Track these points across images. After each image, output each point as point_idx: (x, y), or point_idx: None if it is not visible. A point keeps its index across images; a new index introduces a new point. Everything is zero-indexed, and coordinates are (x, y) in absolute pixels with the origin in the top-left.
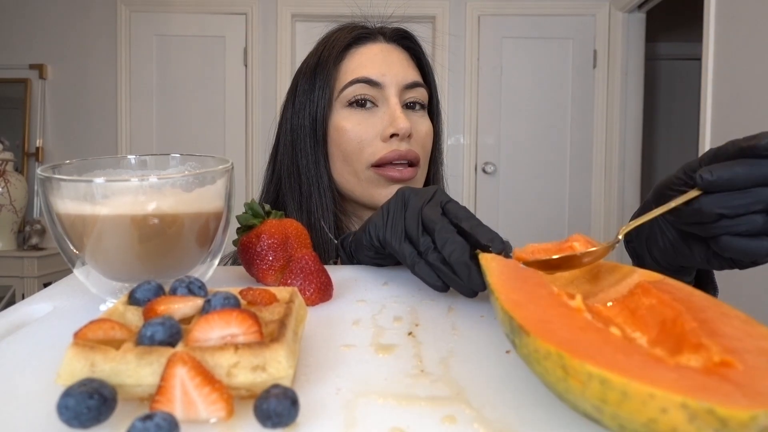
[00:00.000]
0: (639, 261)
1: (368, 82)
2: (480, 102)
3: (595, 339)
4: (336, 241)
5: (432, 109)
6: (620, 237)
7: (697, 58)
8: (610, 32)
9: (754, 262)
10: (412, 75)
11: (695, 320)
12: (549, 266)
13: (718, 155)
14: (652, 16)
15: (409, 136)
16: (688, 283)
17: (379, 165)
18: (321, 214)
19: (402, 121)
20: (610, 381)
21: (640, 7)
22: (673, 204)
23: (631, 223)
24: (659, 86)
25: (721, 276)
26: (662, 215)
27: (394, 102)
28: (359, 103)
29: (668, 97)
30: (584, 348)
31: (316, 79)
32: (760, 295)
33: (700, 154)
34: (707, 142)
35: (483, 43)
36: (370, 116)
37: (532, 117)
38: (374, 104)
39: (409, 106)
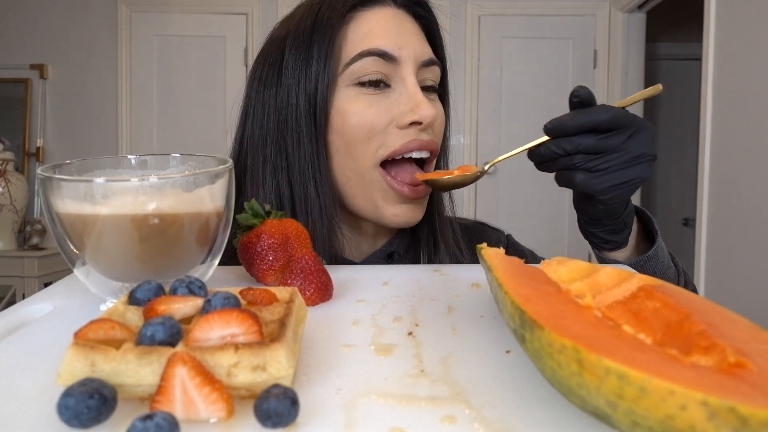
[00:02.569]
0: (582, 230)
1: (383, 55)
2: (480, 102)
3: (610, 335)
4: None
5: (442, 91)
6: (486, 168)
7: (697, 58)
8: (610, 32)
9: (600, 201)
10: (428, 50)
11: (703, 323)
12: (440, 185)
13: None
14: (652, 16)
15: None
16: (618, 233)
17: (390, 162)
18: (318, 220)
19: (426, 107)
20: (628, 376)
21: (640, 7)
22: (527, 146)
23: (498, 158)
24: None
25: (720, 278)
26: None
27: (411, 82)
28: (372, 82)
29: (668, 97)
30: (600, 343)
31: (313, 47)
32: (758, 301)
33: (701, 154)
34: (707, 142)
35: (483, 43)
36: (382, 98)
37: (532, 117)
38: (387, 84)
39: (424, 88)
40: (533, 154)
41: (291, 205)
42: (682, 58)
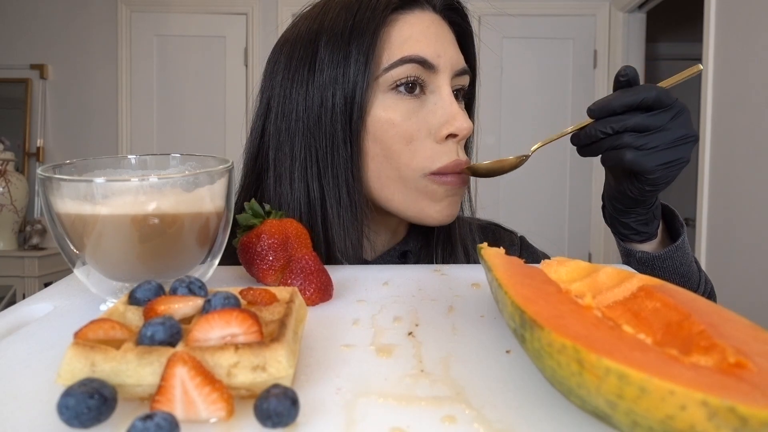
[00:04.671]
0: (607, 220)
1: (423, 63)
2: (480, 102)
3: (610, 335)
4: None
5: (470, 99)
6: (530, 152)
7: (697, 58)
8: (610, 32)
9: (647, 180)
10: (462, 59)
11: (702, 323)
12: (480, 172)
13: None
14: (652, 16)
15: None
16: (647, 225)
17: (435, 173)
18: (351, 224)
19: (461, 119)
20: (628, 376)
21: (640, 7)
22: (571, 129)
23: (540, 142)
24: None
25: (720, 278)
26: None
27: (447, 92)
28: (409, 87)
29: None
30: (600, 343)
31: (351, 48)
32: (759, 301)
33: (701, 154)
34: (707, 142)
35: (483, 43)
36: (419, 107)
37: (532, 117)
38: (422, 90)
39: (455, 93)
40: (577, 137)
41: (322, 207)
42: (682, 58)
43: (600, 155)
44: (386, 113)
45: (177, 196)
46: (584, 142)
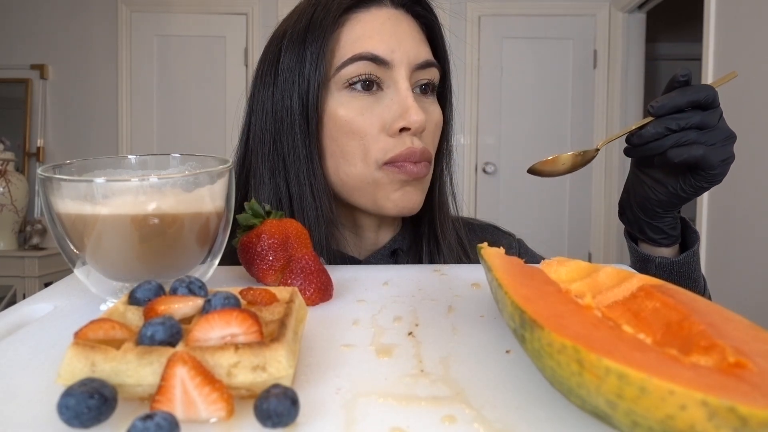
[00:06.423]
0: (632, 225)
1: (374, 59)
2: (480, 102)
3: (610, 335)
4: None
5: (443, 92)
6: (598, 148)
7: (697, 58)
8: (610, 32)
9: (708, 176)
10: (425, 52)
11: (702, 323)
12: (537, 170)
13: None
14: (652, 16)
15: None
16: (675, 228)
17: (389, 163)
18: (315, 222)
19: (415, 113)
20: (628, 376)
21: (640, 7)
22: (633, 127)
23: (606, 138)
24: (659, 86)
25: (720, 278)
26: (642, 171)
27: (404, 87)
28: (366, 85)
29: None
30: (600, 343)
31: (306, 49)
32: (759, 302)
33: None
34: None
35: (483, 43)
36: (374, 103)
37: (532, 117)
38: (379, 87)
39: (421, 90)
40: (639, 136)
41: (290, 205)
42: (682, 58)
43: (653, 153)
44: (341, 111)
45: (177, 196)
46: (648, 139)
